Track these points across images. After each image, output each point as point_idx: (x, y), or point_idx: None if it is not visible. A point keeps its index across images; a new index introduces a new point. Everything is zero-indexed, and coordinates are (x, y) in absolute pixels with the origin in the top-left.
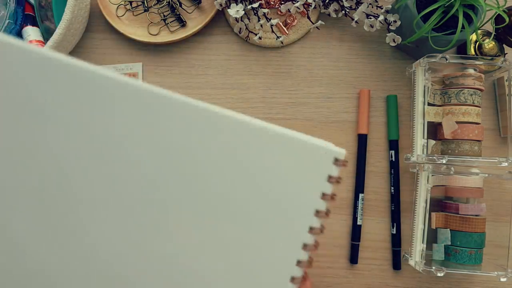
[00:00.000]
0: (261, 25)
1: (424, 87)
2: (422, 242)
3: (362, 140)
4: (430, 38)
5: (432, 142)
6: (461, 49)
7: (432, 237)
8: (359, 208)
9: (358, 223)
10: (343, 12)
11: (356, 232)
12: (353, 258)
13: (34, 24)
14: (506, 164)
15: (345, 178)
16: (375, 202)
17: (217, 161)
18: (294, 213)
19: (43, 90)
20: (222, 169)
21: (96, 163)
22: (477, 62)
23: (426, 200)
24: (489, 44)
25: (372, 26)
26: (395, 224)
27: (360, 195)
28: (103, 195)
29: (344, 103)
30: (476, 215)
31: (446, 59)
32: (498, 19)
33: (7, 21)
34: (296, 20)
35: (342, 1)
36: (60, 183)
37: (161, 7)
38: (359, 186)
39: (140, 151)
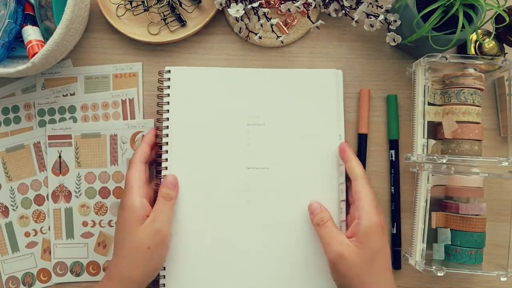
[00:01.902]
0: (261, 25)
1: (424, 86)
2: (422, 242)
3: (362, 140)
4: (430, 37)
5: (432, 141)
6: (461, 48)
7: (432, 237)
8: None
9: None
10: (343, 11)
11: None
12: None
13: (34, 23)
14: (506, 163)
15: None
16: None
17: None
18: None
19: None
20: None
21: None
22: (477, 62)
23: (426, 200)
24: (489, 44)
25: (372, 26)
26: (395, 223)
27: None
28: None
29: (344, 102)
30: (476, 215)
31: (446, 59)
32: (498, 18)
33: (7, 20)
34: (296, 20)
35: (342, 1)
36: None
37: (161, 7)
38: None
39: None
